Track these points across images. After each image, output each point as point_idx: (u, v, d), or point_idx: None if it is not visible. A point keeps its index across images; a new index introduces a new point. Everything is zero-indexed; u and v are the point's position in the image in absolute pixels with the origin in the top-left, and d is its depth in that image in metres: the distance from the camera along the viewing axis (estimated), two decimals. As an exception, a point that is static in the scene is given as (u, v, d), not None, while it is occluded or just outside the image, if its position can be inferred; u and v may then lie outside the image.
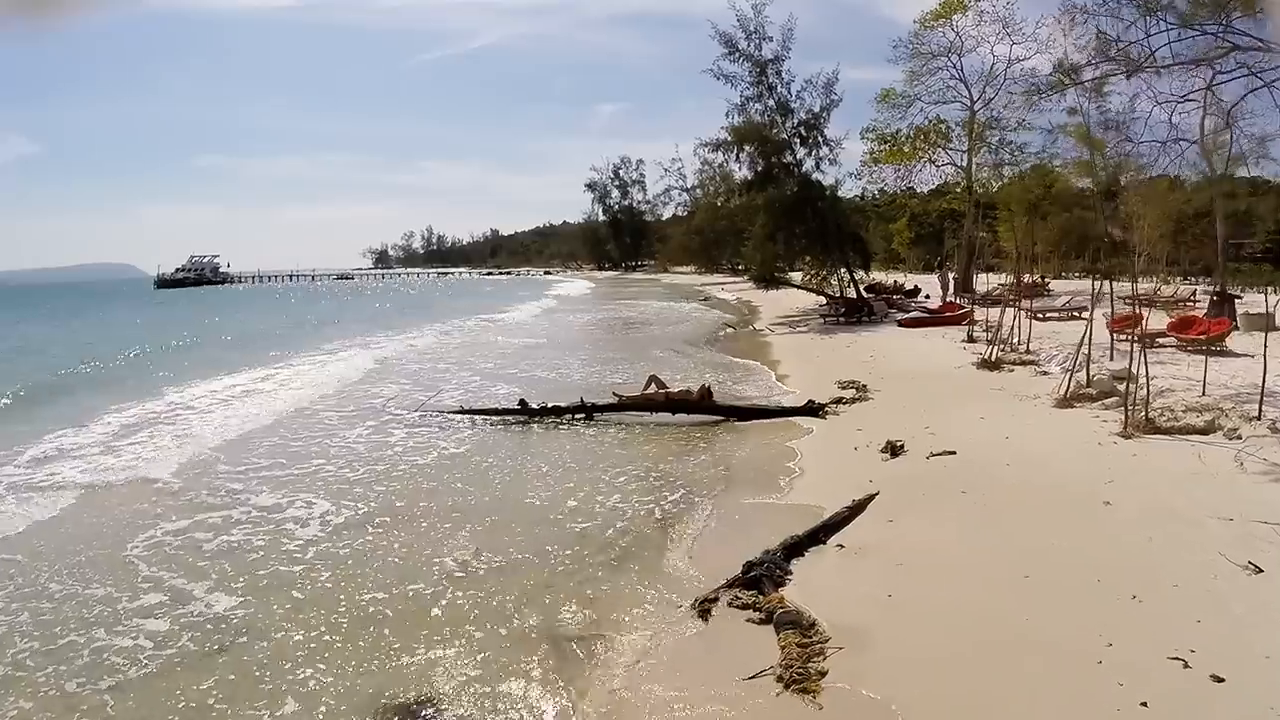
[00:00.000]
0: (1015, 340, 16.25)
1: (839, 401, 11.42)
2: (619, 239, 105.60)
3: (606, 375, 16.35)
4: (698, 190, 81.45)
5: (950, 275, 32.07)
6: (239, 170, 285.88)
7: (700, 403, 10.77)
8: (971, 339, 17.78)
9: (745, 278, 62.50)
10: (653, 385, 11.10)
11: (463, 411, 11.56)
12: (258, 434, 11.79)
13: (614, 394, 11.31)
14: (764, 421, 10.56)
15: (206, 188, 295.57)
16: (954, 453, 8.50)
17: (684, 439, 10.22)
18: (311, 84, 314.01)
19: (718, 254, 71.89)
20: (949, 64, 35.20)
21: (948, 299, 27.42)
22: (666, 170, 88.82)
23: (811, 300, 33.97)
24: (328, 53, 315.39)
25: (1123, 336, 17.08)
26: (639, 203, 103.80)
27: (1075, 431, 9.38)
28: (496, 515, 7.64)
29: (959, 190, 38.30)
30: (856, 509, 6.75)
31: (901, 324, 22.11)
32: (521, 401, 11.27)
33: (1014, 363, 14.64)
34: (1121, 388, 11.34)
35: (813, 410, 10.59)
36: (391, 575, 6.26)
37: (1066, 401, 10.97)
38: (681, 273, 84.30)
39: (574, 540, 6.87)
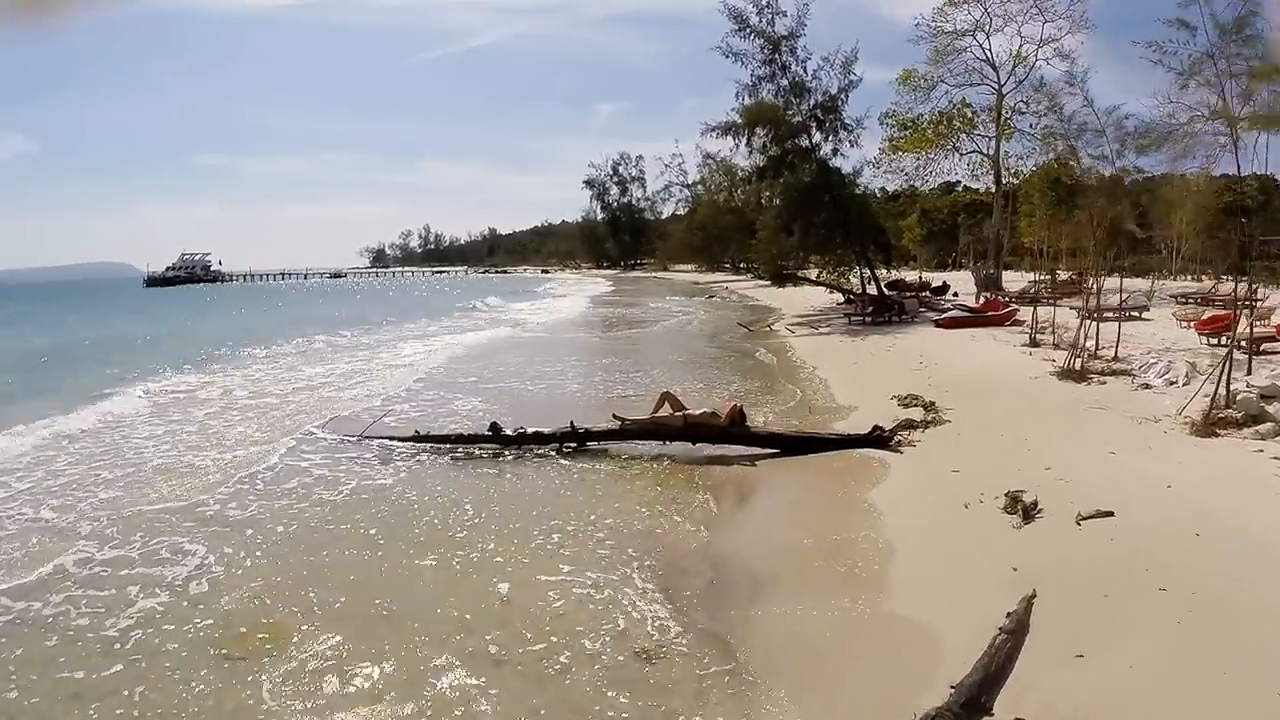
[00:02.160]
0: (1092, 346, 13.63)
1: (910, 426, 8.74)
2: (618, 237, 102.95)
3: (606, 385, 13.72)
4: (698, 186, 79.17)
5: (985, 271, 29.37)
6: (239, 169, 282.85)
7: (730, 430, 8.10)
8: (1034, 343, 15.13)
9: (750, 275, 60.26)
10: (666, 405, 8.38)
11: (418, 439, 8.87)
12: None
13: (614, 416, 8.62)
14: (816, 456, 7.87)
15: (206, 187, 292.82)
16: (1111, 513, 5.86)
17: (708, 483, 7.49)
18: (311, 83, 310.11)
19: (720, 251, 69.44)
20: (975, 43, 32.74)
21: (987, 296, 24.70)
22: (667, 166, 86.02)
23: (827, 298, 31.34)
24: (327, 52, 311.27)
25: (1216, 341, 14.55)
26: (638, 200, 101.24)
27: (1247, 475, 6.84)
28: (386, 609, 5.13)
29: (959, 185, 35.90)
30: (1017, 633, 4.09)
31: (939, 324, 19.47)
32: (493, 426, 8.61)
33: (1102, 373, 12.03)
34: (1273, 410, 8.79)
35: (882, 439, 7.91)
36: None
37: (1208, 428, 8.35)
38: (681, 271, 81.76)
39: (509, 684, 4.19)
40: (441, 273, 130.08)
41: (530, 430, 8.56)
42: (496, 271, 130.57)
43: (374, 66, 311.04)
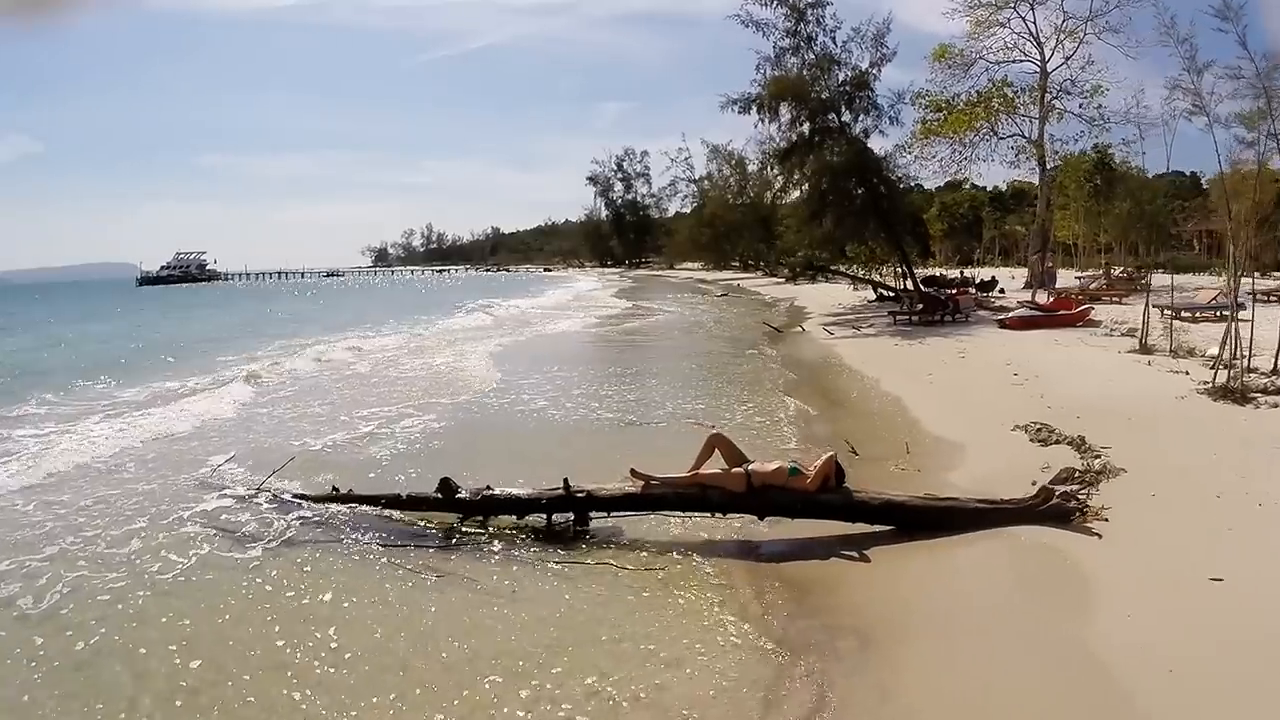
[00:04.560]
0: (1236, 353, 10.68)
1: (1074, 479, 5.80)
2: (622, 235, 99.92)
3: (608, 408, 10.80)
4: (705, 181, 76.05)
5: (1044, 265, 26.37)
6: (241, 169, 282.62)
7: (819, 497, 5.18)
8: (1146, 349, 12.16)
9: (762, 272, 57.32)
10: (716, 456, 5.48)
11: (335, 499, 5.96)
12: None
13: (632, 473, 5.46)
14: (954, 539, 4.95)
15: (210, 186, 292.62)
16: None
17: (799, 602, 4.42)
18: (315, 83, 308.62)
19: (730, 248, 66.49)
20: (1017, 15, 29.69)
21: (1061, 293, 21.62)
22: (673, 160, 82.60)
23: (852, 296, 28.44)
24: (331, 52, 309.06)
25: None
26: (643, 197, 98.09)
27: None
28: None
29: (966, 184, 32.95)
30: None
31: (1007, 325, 16.59)
32: (444, 485, 5.61)
33: (1266, 390, 9.12)
34: None
35: (1060, 512, 4.96)
36: None
37: None
38: (689, 268, 78.82)
39: None
40: (443, 271, 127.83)
41: (501, 492, 5.55)
42: (499, 270, 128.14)
43: (378, 66, 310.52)
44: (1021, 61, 29.84)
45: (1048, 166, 30.22)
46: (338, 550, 5.29)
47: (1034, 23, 29.40)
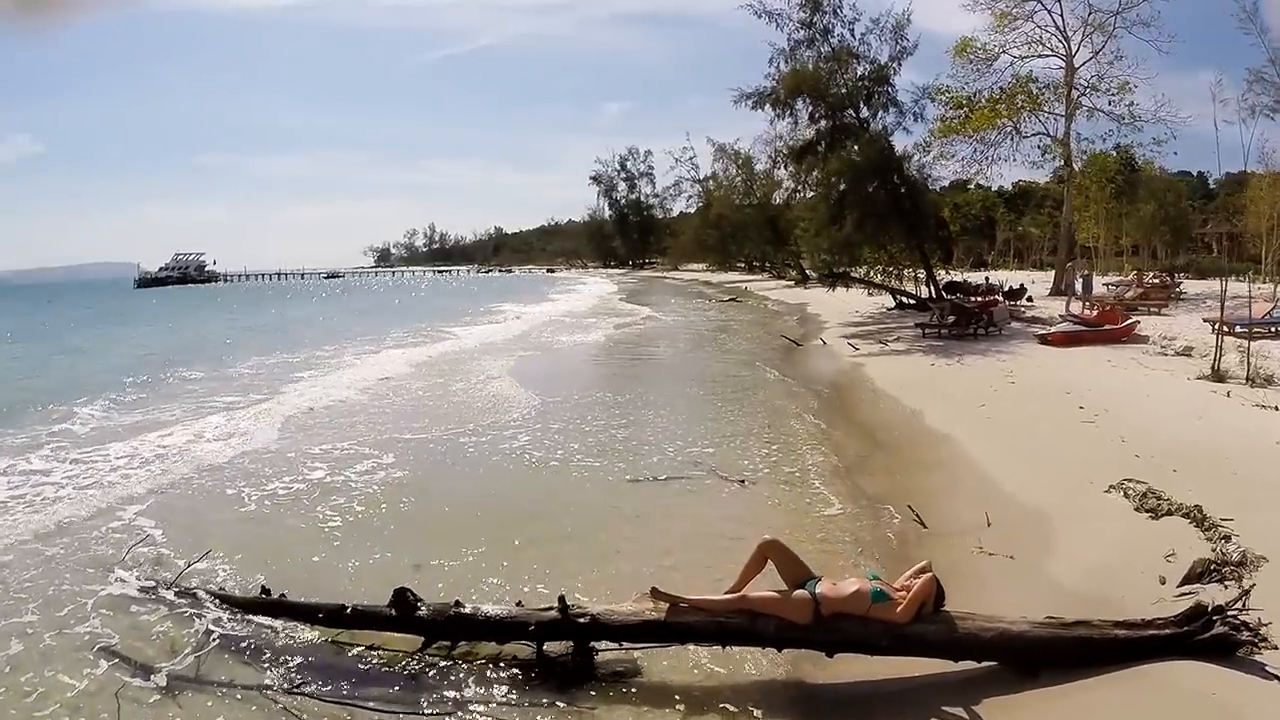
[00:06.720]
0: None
1: (1213, 574, 4.48)
2: (626, 235, 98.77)
3: (603, 451, 9.38)
4: (710, 181, 74.62)
5: (1081, 272, 24.94)
6: (241, 168, 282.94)
7: (911, 631, 3.70)
8: (1219, 375, 10.75)
9: (769, 275, 55.94)
10: (769, 571, 3.96)
11: (261, 607, 4.58)
12: None
13: (654, 593, 3.98)
14: (1076, 684, 3.59)
15: (208, 186, 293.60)
16: None
17: None
18: (317, 83, 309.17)
19: (736, 249, 65.10)
20: (1042, 8, 28.24)
21: (1089, 303, 20.15)
22: (678, 160, 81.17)
23: (869, 302, 27.08)
24: (332, 52, 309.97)
25: None
26: (647, 197, 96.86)
27: None
28: None
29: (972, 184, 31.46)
30: None
31: (1049, 340, 15.26)
32: (400, 597, 4.19)
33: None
34: None
35: (1224, 642, 3.61)
36: None
37: None
38: (693, 269, 77.50)
39: None
40: (445, 272, 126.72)
41: (475, 611, 4.16)
42: (502, 270, 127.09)
43: (380, 66, 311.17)
44: (1047, 56, 28.50)
45: (1074, 166, 28.80)
46: (254, 696, 3.96)
47: (1060, 15, 28.05)
